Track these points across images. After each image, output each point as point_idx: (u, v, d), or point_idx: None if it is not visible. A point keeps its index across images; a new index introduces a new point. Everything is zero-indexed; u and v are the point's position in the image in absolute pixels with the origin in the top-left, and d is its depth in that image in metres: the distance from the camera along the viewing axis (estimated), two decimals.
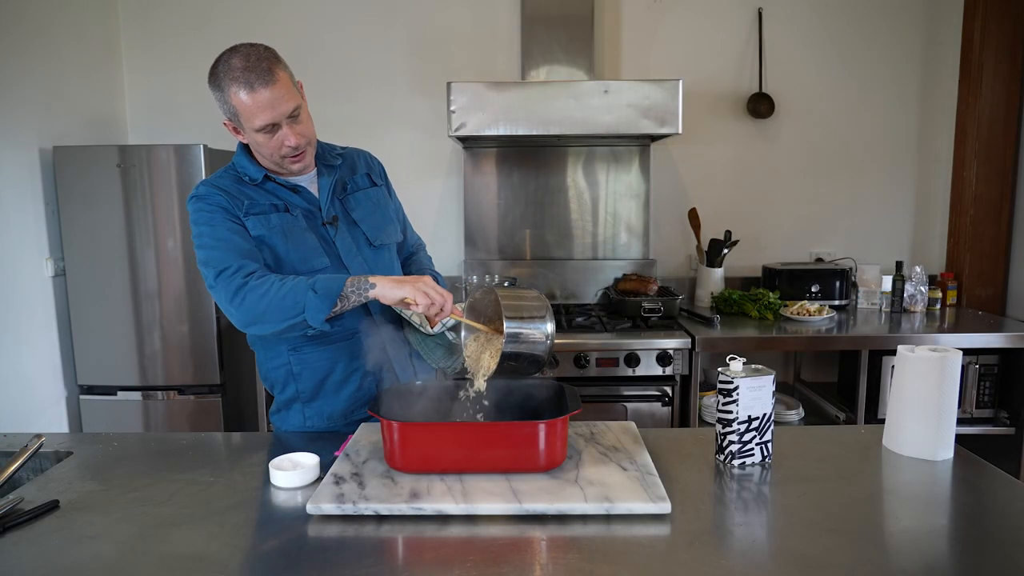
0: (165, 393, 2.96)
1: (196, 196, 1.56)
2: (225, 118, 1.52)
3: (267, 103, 1.44)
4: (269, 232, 1.54)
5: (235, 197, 1.55)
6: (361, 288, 1.44)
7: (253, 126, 1.47)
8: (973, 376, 2.82)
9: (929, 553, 1.08)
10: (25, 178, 2.76)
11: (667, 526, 1.16)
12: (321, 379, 1.63)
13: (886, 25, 3.34)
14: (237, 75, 1.43)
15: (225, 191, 1.55)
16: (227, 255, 1.48)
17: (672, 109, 2.78)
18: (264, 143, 1.50)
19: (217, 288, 1.48)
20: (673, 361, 2.72)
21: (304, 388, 1.64)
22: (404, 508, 1.18)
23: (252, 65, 1.43)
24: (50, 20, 2.89)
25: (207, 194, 1.55)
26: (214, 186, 1.57)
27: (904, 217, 3.47)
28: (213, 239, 1.50)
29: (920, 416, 1.41)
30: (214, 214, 1.52)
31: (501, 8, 3.34)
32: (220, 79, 1.45)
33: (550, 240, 3.43)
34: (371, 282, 1.45)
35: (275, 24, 3.36)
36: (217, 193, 1.54)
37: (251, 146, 1.56)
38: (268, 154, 1.53)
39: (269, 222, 1.55)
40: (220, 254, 1.49)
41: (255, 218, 1.53)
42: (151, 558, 1.08)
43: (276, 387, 1.70)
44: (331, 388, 1.64)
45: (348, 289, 1.44)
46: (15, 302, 2.70)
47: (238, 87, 1.43)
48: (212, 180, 1.60)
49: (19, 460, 1.30)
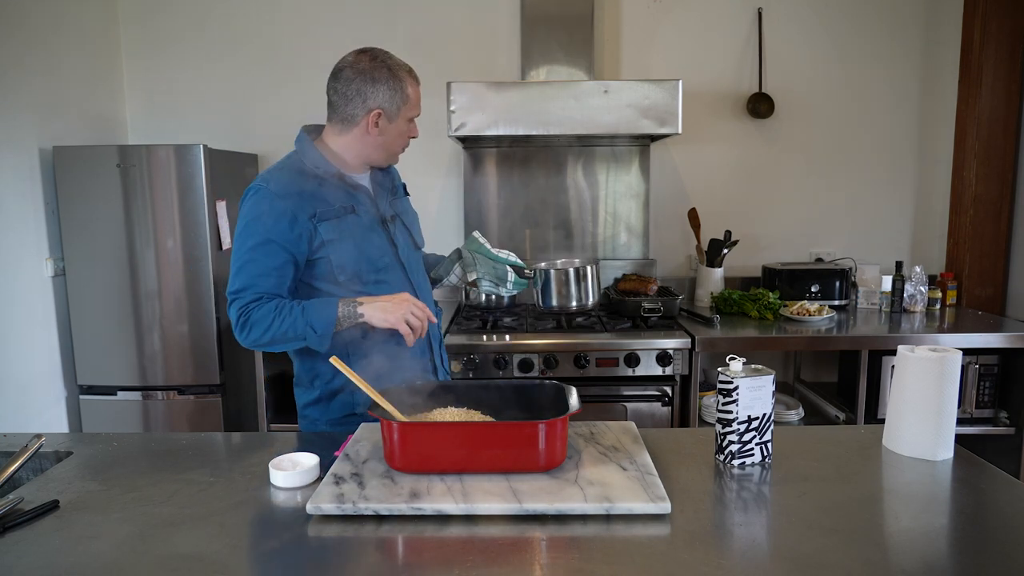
0: (165, 393, 2.96)
1: (259, 194, 1.57)
2: (377, 107, 1.60)
3: (419, 98, 1.66)
4: (341, 236, 1.60)
5: (307, 200, 1.58)
6: (352, 314, 1.54)
7: (409, 115, 1.65)
8: (973, 376, 2.82)
9: (929, 553, 1.08)
10: (25, 178, 2.76)
11: (667, 526, 1.16)
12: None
13: (886, 25, 3.34)
14: (408, 71, 1.62)
15: (296, 195, 1.57)
16: (248, 275, 1.55)
17: (672, 109, 2.78)
18: (403, 133, 1.66)
19: (230, 305, 1.58)
20: (673, 361, 2.72)
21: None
22: (404, 508, 1.18)
23: (409, 67, 1.64)
24: (50, 21, 2.89)
25: (274, 196, 1.56)
26: (284, 188, 1.57)
27: (904, 217, 3.47)
28: (246, 250, 1.56)
29: (920, 416, 1.41)
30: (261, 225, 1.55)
31: (501, 8, 3.35)
32: (395, 71, 1.60)
33: (550, 240, 3.43)
34: (359, 311, 1.54)
35: (275, 24, 3.36)
36: (283, 199, 1.56)
37: (386, 139, 1.64)
38: (398, 145, 1.67)
39: (341, 226, 1.60)
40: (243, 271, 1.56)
41: (327, 223, 1.58)
42: (151, 558, 1.08)
43: (321, 378, 1.69)
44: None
45: (340, 314, 1.54)
46: (15, 302, 2.70)
47: (412, 80, 1.62)
48: (283, 179, 1.59)
49: (19, 460, 1.30)
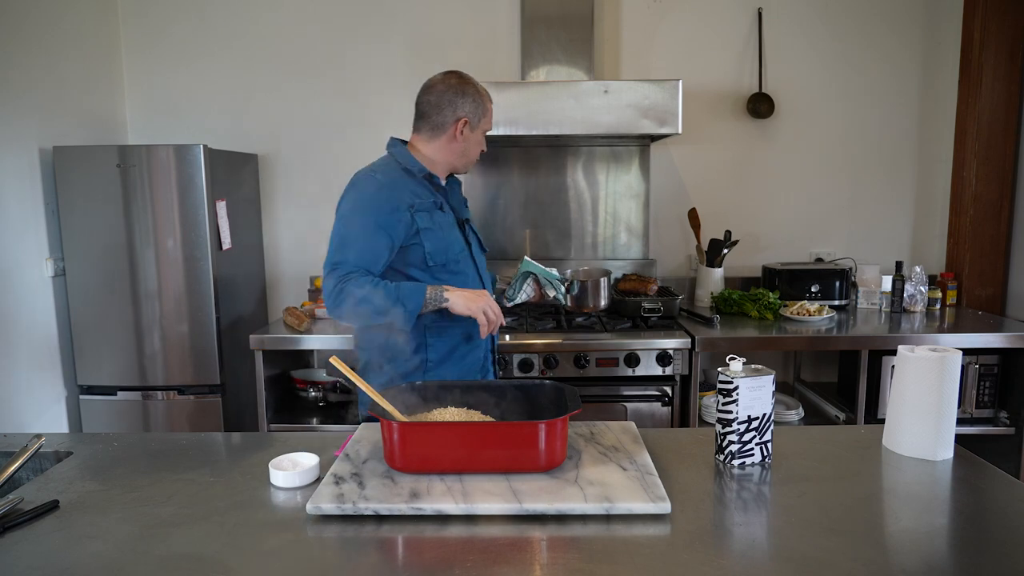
0: (165, 393, 2.96)
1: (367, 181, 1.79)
2: (464, 116, 1.86)
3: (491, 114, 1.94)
4: (433, 226, 1.81)
5: (406, 193, 1.80)
6: (438, 299, 1.73)
7: (485, 128, 1.92)
8: (973, 376, 2.82)
9: (929, 553, 1.09)
10: (25, 178, 2.76)
11: (667, 526, 1.16)
12: (451, 349, 1.87)
13: (886, 25, 3.34)
14: (487, 93, 1.92)
15: (399, 187, 1.80)
16: (349, 251, 1.73)
17: (672, 109, 2.78)
18: (480, 143, 1.92)
19: (325, 279, 1.74)
20: (673, 361, 2.72)
21: (433, 357, 1.86)
22: (404, 508, 1.19)
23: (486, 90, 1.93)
24: (50, 20, 2.89)
25: (381, 185, 1.78)
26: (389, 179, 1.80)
27: (904, 217, 3.47)
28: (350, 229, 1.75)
29: (920, 416, 1.41)
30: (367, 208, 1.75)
31: (501, 8, 3.35)
32: (479, 89, 1.89)
33: (550, 240, 3.43)
34: (445, 296, 1.73)
35: (275, 25, 3.36)
36: (390, 189, 1.78)
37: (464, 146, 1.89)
38: (475, 153, 1.93)
39: (433, 218, 1.82)
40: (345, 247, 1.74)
41: (423, 213, 1.80)
42: (151, 558, 1.08)
43: (398, 359, 1.80)
44: (457, 357, 1.88)
45: (428, 297, 1.72)
46: (15, 302, 2.70)
47: (489, 99, 1.92)
48: (388, 172, 1.83)
49: (19, 460, 1.30)
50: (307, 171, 3.46)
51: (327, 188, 3.46)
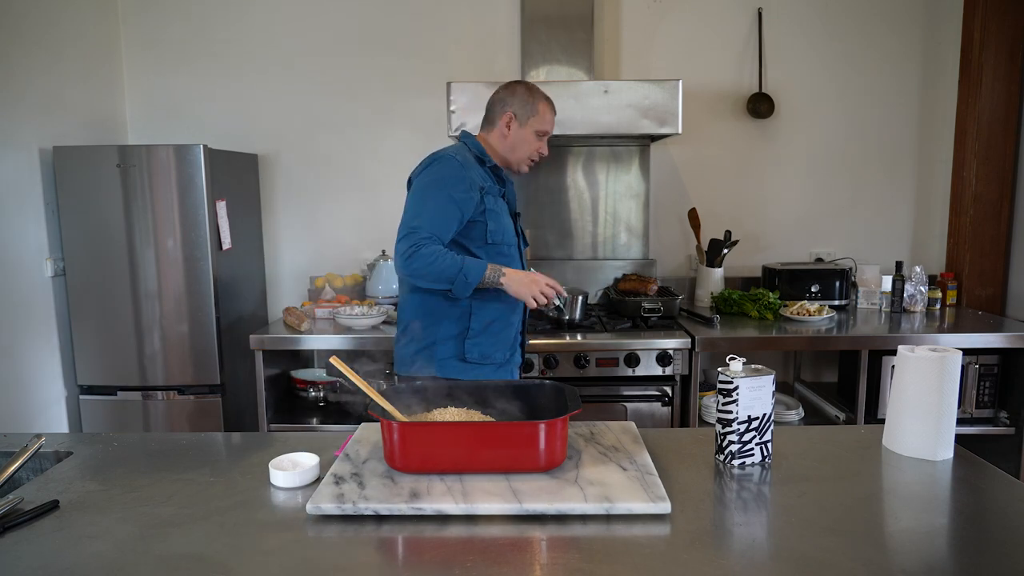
0: (165, 393, 2.96)
1: (447, 160, 1.97)
2: (512, 111, 2.06)
3: (551, 121, 2.12)
4: (497, 209, 2.02)
5: (477, 175, 2.00)
6: (495, 277, 1.93)
7: (536, 127, 2.08)
8: (973, 376, 2.82)
9: (929, 553, 1.08)
10: (25, 178, 2.76)
11: (667, 526, 1.16)
12: (489, 321, 2.04)
13: (886, 25, 3.34)
14: (546, 97, 2.10)
15: (473, 168, 2.00)
16: (424, 219, 1.90)
17: (672, 109, 2.78)
18: (531, 141, 2.09)
19: (400, 241, 1.90)
20: (673, 361, 2.72)
21: (475, 326, 2.03)
22: (404, 508, 1.19)
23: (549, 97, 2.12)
24: (50, 20, 2.89)
25: (460, 165, 1.97)
26: (465, 161, 1.99)
27: (904, 217, 3.47)
28: (427, 200, 1.93)
29: (920, 416, 1.41)
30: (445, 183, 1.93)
31: (501, 8, 3.34)
32: (533, 91, 2.09)
33: (550, 240, 3.43)
34: (503, 274, 1.93)
35: (275, 24, 3.36)
36: (467, 169, 1.98)
37: (513, 140, 2.08)
38: (525, 150, 2.10)
39: (497, 202, 2.04)
40: (421, 215, 1.91)
41: (490, 196, 2.01)
42: (151, 558, 1.08)
43: (443, 323, 2.02)
44: (494, 330, 2.06)
45: (487, 275, 1.91)
46: (15, 302, 2.70)
47: (546, 102, 2.10)
48: (464, 156, 2.02)
49: (19, 460, 1.30)
50: (307, 171, 3.46)
51: (327, 188, 3.46)
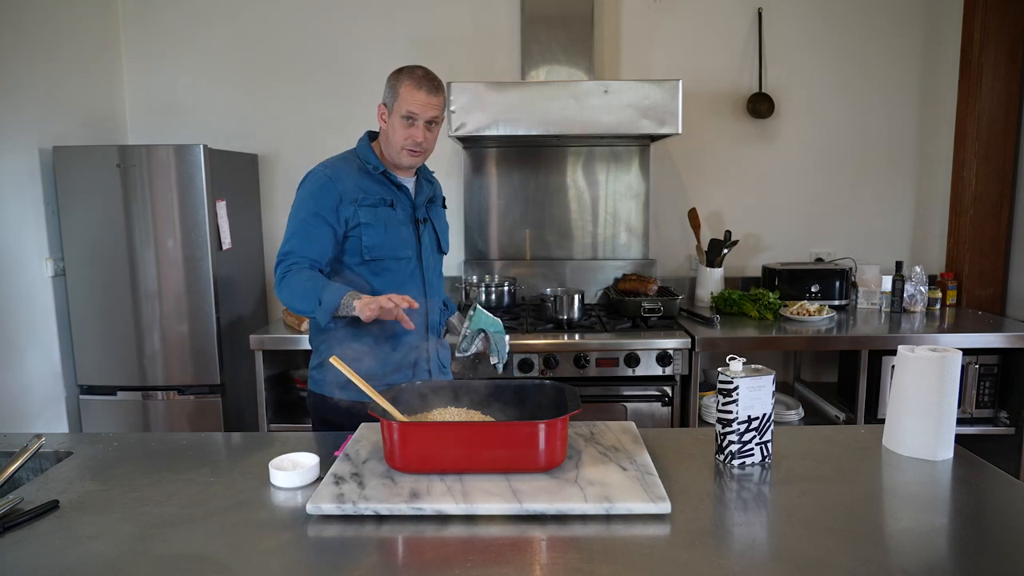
0: (165, 393, 2.96)
1: (315, 176, 1.88)
2: (383, 102, 1.87)
3: (421, 102, 1.82)
4: (375, 221, 1.86)
5: (353, 187, 1.85)
6: (349, 305, 1.72)
7: (401, 110, 1.82)
8: (973, 376, 2.82)
9: (929, 553, 1.09)
10: (25, 178, 2.76)
11: (667, 526, 1.16)
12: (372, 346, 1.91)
13: (886, 25, 3.34)
14: (415, 76, 1.83)
15: (345, 182, 1.85)
16: (295, 242, 1.82)
17: (672, 109, 2.78)
18: (399, 128, 1.84)
19: (277, 265, 1.83)
20: (673, 361, 2.72)
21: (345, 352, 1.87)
22: (404, 508, 1.19)
23: (430, 77, 1.84)
24: (50, 20, 2.89)
25: (327, 179, 1.85)
26: (337, 174, 1.86)
27: (904, 217, 3.47)
28: (297, 221, 1.84)
29: (920, 416, 1.41)
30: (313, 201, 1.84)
31: (501, 8, 3.34)
32: (400, 73, 1.85)
33: (550, 240, 3.43)
34: (354, 304, 1.72)
35: (275, 25, 3.36)
36: (335, 182, 1.85)
37: (387, 132, 1.87)
38: (396, 141, 1.85)
39: (376, 214, 1.87)
40: (292, 238, 1.83)
41: (367, 208, 1.85)
42: (151, 558, 1.08)
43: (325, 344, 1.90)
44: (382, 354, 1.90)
45: (343, 301, 1.73)
46: (15, 302, 2.70)
47: (410, 81, 1.82)
48: (338, 167, 1.89)
49: (19, 460, 1.30)
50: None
51: None
